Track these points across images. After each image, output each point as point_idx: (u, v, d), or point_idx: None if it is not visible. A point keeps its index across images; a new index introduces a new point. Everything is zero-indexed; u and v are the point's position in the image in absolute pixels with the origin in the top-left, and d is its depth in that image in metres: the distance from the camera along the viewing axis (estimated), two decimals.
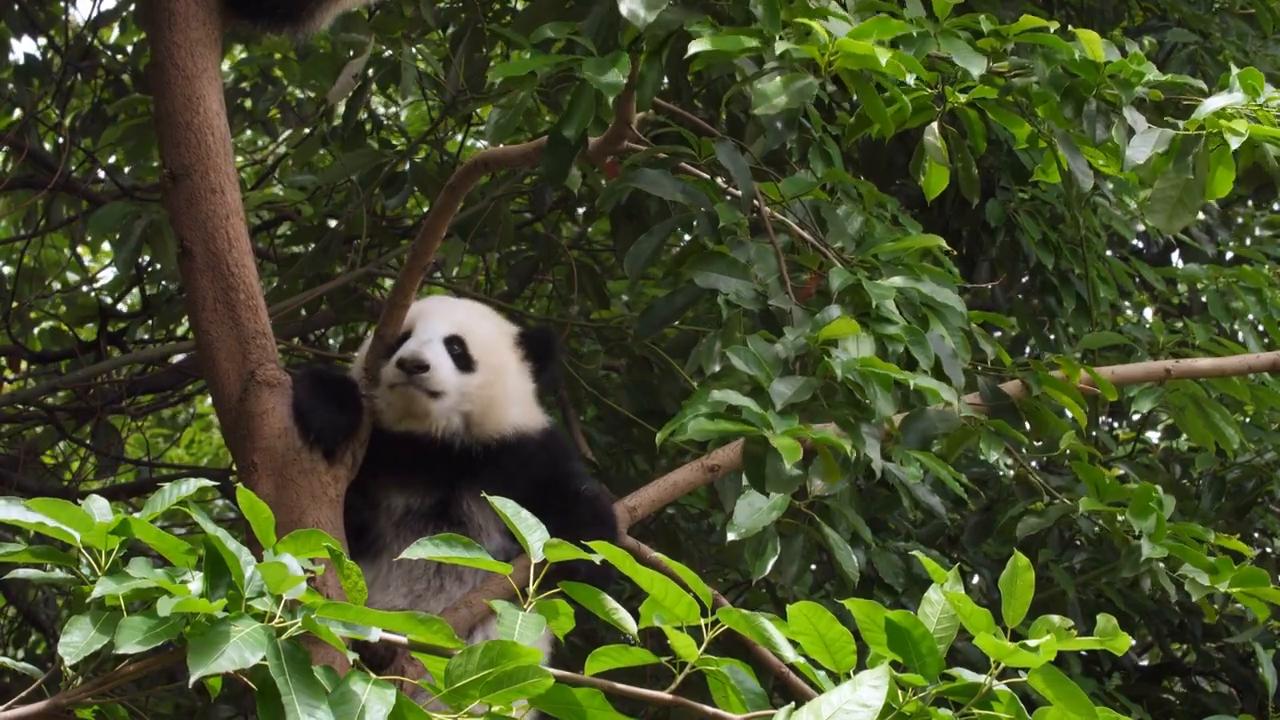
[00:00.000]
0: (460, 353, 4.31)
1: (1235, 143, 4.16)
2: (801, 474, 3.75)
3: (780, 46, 3.80)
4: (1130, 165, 4.22)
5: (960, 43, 4.13)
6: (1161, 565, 4.84)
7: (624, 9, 3.77)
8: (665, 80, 6.25)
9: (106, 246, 8.83)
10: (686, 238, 5.00)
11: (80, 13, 15.79)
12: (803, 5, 3.87)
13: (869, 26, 3.87)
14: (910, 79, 3.94)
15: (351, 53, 6.52)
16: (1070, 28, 4.38)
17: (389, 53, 6.68)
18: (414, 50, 6.74)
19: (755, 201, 4.31)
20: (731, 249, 4.21)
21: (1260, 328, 6.45)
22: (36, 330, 8.40)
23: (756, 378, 3.79)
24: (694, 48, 3.78)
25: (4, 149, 8.29)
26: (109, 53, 8.16)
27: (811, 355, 3.90)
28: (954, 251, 6.46)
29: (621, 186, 4.33)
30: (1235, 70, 4.36)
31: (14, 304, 7.88)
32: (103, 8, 10.04)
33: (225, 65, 8.28)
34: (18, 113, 7.90)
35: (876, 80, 3.97)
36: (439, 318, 4.36)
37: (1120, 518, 4.89)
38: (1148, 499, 4.77)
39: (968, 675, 2.88)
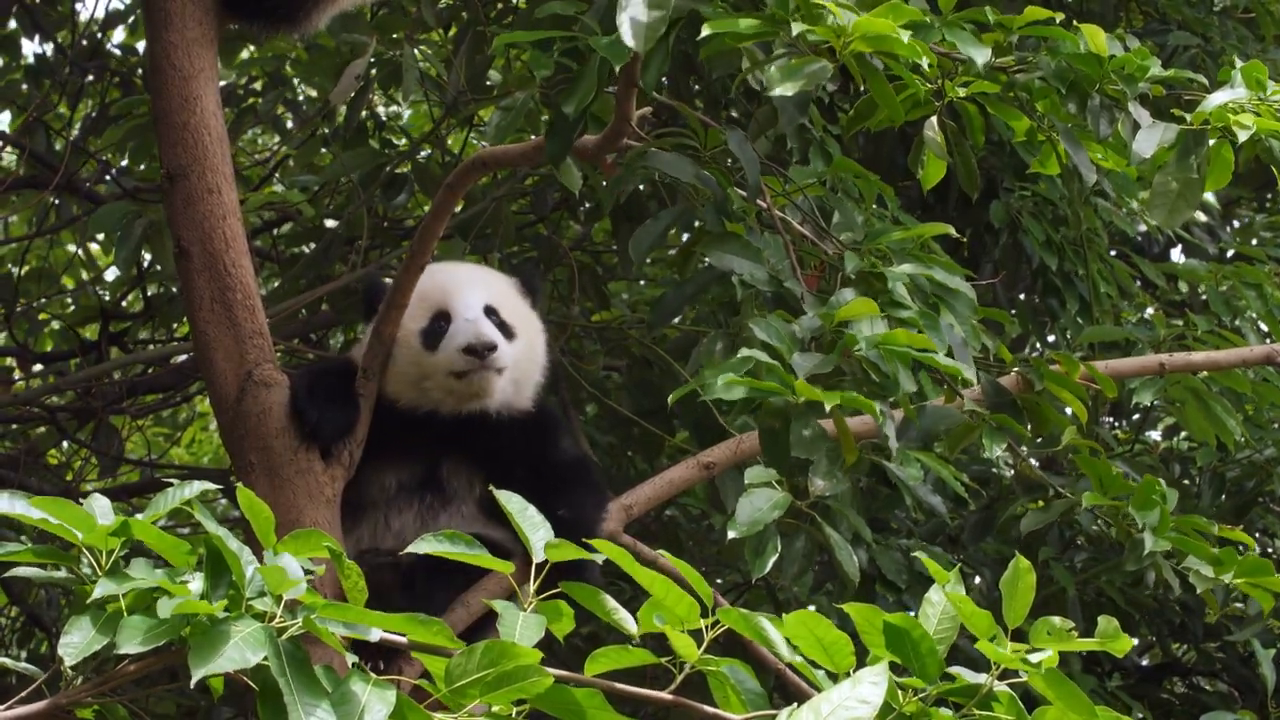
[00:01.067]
0: (499, 321, 4.29)
1: (1243, 136, 4.13)
2: (825, 436, 3.73)
3: (797, 27, 3.78)
4: (1136, 159, 4.20)
5: (964, 33, 4.10)
6: (1166, 559, 4.83)
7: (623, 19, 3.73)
8: (665, 80, 6.25)
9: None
10: (686, 237, 4.99)
11: (88, 13, 15.79)
12: None
13: (883, 11, 3.86)
14: (924, 63, 3.92)
15: (353, 52, 6.52)
16: (1074, 23, 4.36)
17: (391, 53, 6.68)
18: (415, 51, 6.73)
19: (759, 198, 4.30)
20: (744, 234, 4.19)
21: (1261, 325, 6.44)
22: (46, 330, 8.42)
23: (779, 349, 3.76)
24: (706, 29, 3.76)
25: (9, 149, 8.30)
26: (118, 52, 8.16)
27: (826, 339, 3.88)
28: (962, 240, 6.46)
29: (635, 168, 4.28)
30: (1239, 63, 4.33)
31: (18, 305, 7.89)
32: (110, 8, 10.06)
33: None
34: None
35: (887, 66, 3.94)
36: (471, 288, 4.32)
37: (1123, 513, 4.88)
38: (1151, 492, 4.75)
39: (968, 675, 2.88)
